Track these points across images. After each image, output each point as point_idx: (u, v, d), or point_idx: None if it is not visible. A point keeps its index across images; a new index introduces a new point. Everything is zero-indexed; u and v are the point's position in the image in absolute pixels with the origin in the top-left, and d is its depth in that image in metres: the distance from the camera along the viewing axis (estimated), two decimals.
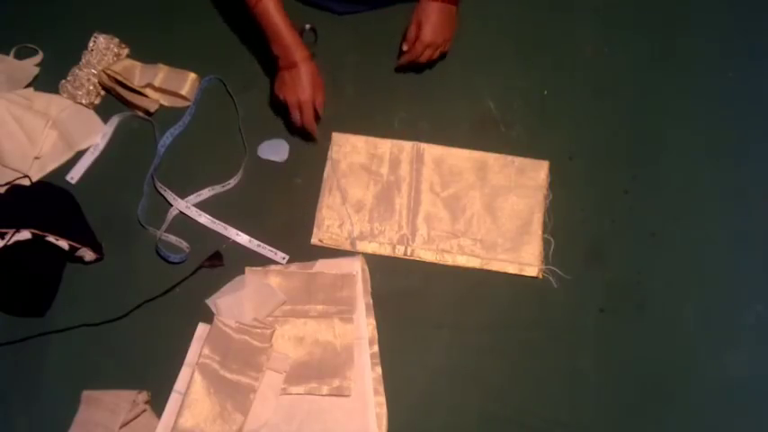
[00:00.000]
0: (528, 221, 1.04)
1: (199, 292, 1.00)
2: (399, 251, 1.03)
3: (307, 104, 1.02)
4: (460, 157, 1.08)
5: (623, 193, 1.07)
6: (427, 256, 1.03)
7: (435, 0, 1.01)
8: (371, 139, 1.09)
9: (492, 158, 1.08)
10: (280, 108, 1.07)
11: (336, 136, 1.09)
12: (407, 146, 1.09)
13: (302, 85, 1.01)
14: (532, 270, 1.02)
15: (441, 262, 1.02)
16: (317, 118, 1.05)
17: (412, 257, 1.03)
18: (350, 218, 1.04)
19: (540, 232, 1.04)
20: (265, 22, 0.99)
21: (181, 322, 0.99)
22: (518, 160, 1.07)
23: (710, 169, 1.09)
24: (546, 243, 1.03)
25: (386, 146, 1.09)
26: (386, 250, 1.03)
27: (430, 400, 0.96)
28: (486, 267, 1.02)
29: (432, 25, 1.03)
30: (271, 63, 1.07)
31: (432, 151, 1.09)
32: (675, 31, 1.17)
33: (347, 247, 1.03)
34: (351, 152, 1.09)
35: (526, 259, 1.02)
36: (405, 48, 1.08)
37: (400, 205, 1.05)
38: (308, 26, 1.06)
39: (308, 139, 1.08)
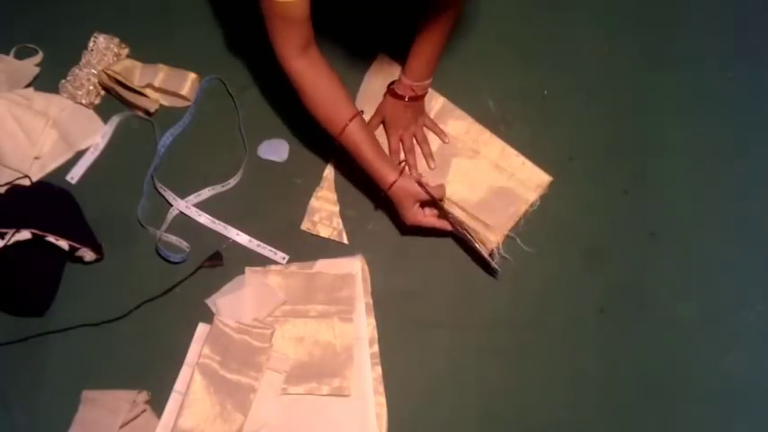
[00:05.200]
0: (506, 205, 1.04)
1: (199, 292, 1.00)
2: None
3: (427, 219, 0.98)
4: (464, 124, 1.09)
5: (623, 193, 1.07)
6: None
7: (391, 95, 1.04)
8: None
9: (500, 144, 1.08)
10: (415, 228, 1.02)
11: None
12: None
13: (413, 207, 0.97)
14: (490, 243, 1.01)
15: None
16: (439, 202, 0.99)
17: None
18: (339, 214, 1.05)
19: (512, 221, 1.04)
20: (357, 154, 0.95)
21: (181, 322, 0.99)
22: (527, 162, 1.07)
23: (710, 169, 1.09)
24: (509, 239, 1.03)
25: None
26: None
27: (430, 400, 0.96)
28: (449, 209, 1.01)
29: (385, 117, 1.06)
30: (271, 64, 1.08)
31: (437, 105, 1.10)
32: (675, 31, 1.17)
33: (335, 237, 1.04)
34: None
35: (488, 232, 1.02)
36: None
37: None
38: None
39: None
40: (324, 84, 0.92)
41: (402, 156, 1.07)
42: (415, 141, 1.08)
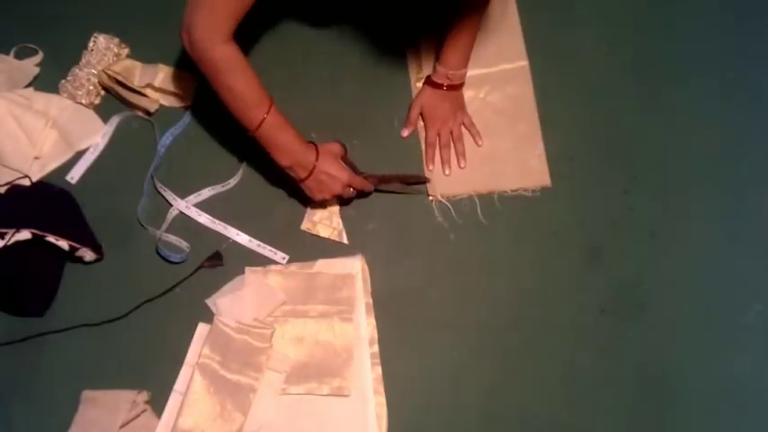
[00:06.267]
0: (495, 169, 1.07)
1: (199, 292, 1.00)
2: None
3: (353, 181, 0.99)
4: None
5: (623, 193, 1.07)
6: None
7: (429, 84, 1.05)
8: None
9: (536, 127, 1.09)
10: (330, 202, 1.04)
11: None
12: None
13: (336, 174, 0.95)
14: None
15: None
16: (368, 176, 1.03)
17: None
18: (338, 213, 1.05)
19: (488, 185, 1.06)
20: (270, 142, 0.91)
21: (181, 322, 0.99)
22: (543, 156, 1.08)
23: (710, 169, 1.09)
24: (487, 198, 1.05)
25: None
26: None
27: (430, 400, 0.96)
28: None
29: (423, 108, 1.07)
30: (271, 64, 1.07)
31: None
32: (675, 30, 1.17)
33: (335, 237, 1.04)
34: None
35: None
36: (405, 133, 1.10)
37: None
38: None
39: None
40: (244, 75, 0.87)
41: (437, 150, 1.07)
42: (451, 138, 1.08)
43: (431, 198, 1.06)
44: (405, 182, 1.05)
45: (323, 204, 1.03)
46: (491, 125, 1.10)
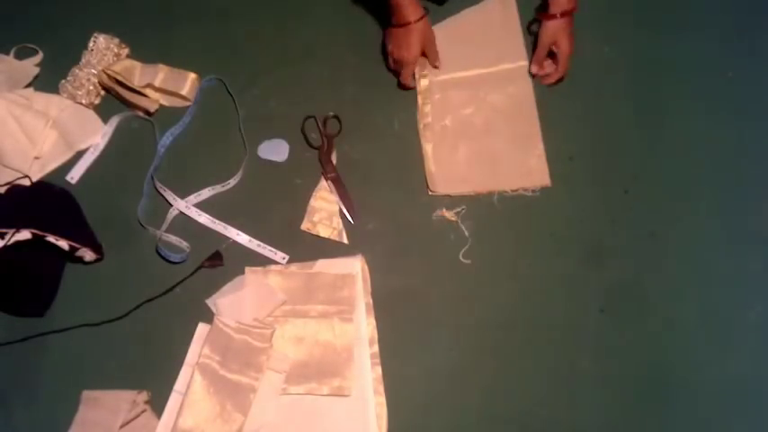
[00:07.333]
0: (495, 165, 1.08)
1: (199, 292, 1.00)
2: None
3: (410, 65, 1.08)
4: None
5: (623, 193, 1.07)
6: None
7: (564, 16, 1.05)
8: None
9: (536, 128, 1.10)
10: (386, 59, 1.12)
11: None
12: None
13: (409, 45, 1.05)
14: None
15: None
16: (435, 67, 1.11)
17: None
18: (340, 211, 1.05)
19: (486, 185, 1.06)
20: None
21: (181, 322, 0.99)
22: (543, 156, 1.08)
23: (710, 169, 1.09)
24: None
25: None
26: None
27: (430, 400, 0.96)
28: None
29: (569, 38, 1.07)
30: (271, 64, 1.08)
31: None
32: (675, 30, 1.17)
33: (335, 237, 1.04)
34: None
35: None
36: (535, 69, 1.11)
37: None
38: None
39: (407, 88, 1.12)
40: None
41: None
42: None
43: (431, 194, 1.06)
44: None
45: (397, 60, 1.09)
46: (491, 125, 1.10)
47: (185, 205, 1.05)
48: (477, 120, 1.10)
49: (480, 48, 1.12)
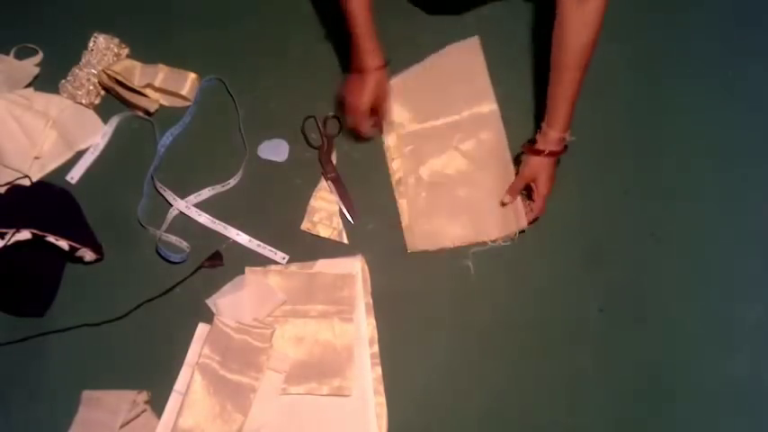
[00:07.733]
0: (479, 218, 1.04)
1: (199, 292, 1.00)
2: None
3: (359, 113, 1.02)
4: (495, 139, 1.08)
5: (623, 193, 1.07)
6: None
7: (549, 156, 0.99)
8: None
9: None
10: (341, 106, 1.06)
11: None
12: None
13: (362, 92, 1.00)
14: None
15: None
16: (380, 125, 1.08)
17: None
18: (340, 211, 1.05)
19: (470, 237, 1.04)
20: (350, 24, 0.98)
21: (181, 322, 0.99)
22: (519, 204, 1.04)
23: (710, 169, 1.09)
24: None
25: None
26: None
27: (430, 401, 0.96)
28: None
29: (549, 179, 1.00)
30: (271, 64, 1.07)
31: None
32: (675, 30, 1.17)
33: (335, 237, 1.04)
34: None
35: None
36: (507, 200, 1.03)
37: None
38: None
39: (358, 140, 1.09)
40: None
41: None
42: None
43: (409, 252, 1.04)
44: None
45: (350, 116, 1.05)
46: (465, 174, 1.07)
47: (185, 205, 1.05)
48: (451, 170, 1.07)
49: (448, 94, 1.09)
